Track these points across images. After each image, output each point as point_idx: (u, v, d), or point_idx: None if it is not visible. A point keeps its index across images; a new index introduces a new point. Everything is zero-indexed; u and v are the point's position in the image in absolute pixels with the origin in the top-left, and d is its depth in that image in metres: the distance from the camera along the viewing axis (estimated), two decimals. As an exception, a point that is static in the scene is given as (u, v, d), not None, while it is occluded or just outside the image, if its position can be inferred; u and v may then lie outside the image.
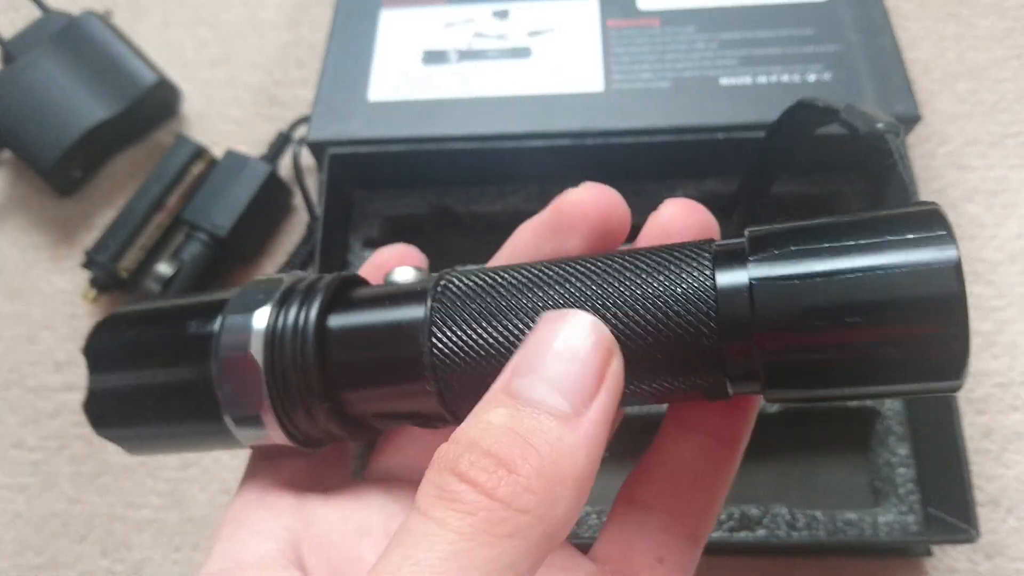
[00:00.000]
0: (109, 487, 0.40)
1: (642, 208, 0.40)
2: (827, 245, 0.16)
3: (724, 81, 0.39)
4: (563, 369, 0.16)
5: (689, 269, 0.17)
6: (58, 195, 0.47)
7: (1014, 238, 0.41)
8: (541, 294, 0.18)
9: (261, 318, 0.20)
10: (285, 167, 0.46)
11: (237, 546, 0.19)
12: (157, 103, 0.47)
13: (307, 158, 0.46)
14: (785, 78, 0.39)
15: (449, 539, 0.14)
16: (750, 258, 0.17)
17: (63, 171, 0.45)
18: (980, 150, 0.44)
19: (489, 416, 0.15)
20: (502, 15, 0.43)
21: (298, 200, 0.46)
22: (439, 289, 0.19)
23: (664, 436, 0.21)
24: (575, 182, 0.41)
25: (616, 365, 0.16)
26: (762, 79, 0.39)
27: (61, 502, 0.40)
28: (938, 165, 0.43)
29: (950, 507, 0.32)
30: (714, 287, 0.17)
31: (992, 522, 0.36)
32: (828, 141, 0.38)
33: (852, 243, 0.16)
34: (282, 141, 0.46)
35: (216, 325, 0.20)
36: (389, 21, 0.43)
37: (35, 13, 0.47)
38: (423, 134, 0.39)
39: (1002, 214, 0.42)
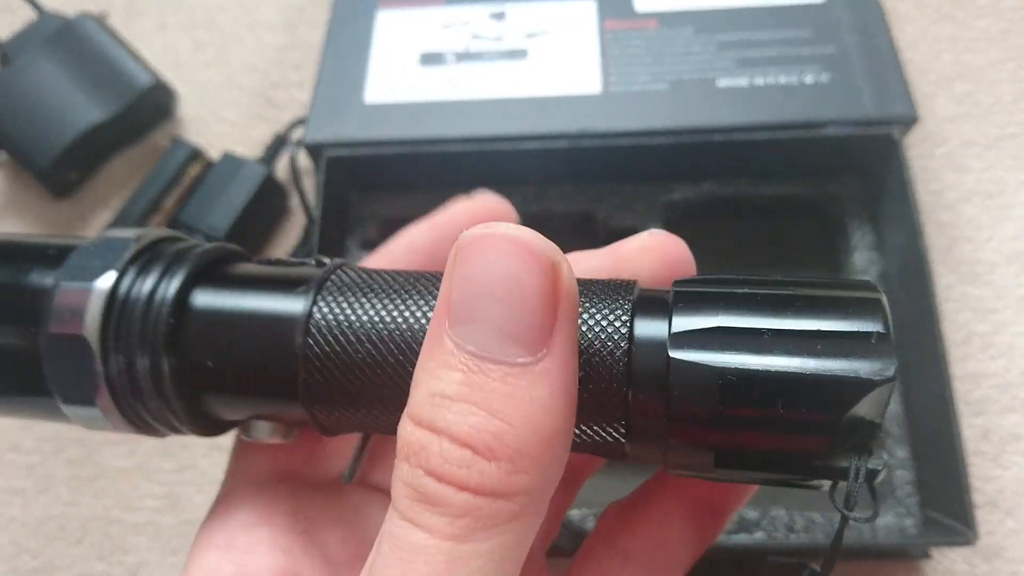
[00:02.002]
0: (105, 490, 0.40)
1: (640, 210, 0.40)
2: (756, 327, 0.15)
3: (722, 83, 0.39)
4: (508, 308, 0.13)
5: (612, 305, 0.16)
6: (54, 197, 0.47)
7: (1011, 239, 0.41)
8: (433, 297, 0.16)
9: (106, 281, 0.16)
10: (282, 169, 0.46)
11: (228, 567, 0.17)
12: (153, 105, 0.47)
13: (304, 160, 0.46)
14: (783, 80, 0.39)
15: (445, 547, 0.13)
16: (672, 319, 0.15)
17: (59, 173, 0.45)
18: (977, 152, 0.44)
19: (441, 386, 0.13)
20: (499, 17, 0.43)
21: (295, 202, 0.46)
22: (329, 281, 0.17)
23: (654, 494, 0.20)
24: (572, 184, 0.41)
25: (566, 279, 0.14)
26: (759, 81, 0.39)
27: (57, 505, 0.40)
28: (935, 167, 0.43)
29: (948, 509, 0.32)
30: (629, 336, 0.15)
31: (990, 524, 0.36)
32: (826, 143, 0.38)
33: (784, 330, 0.14)
34: (279, 143, 0.46)
35: (50, 281, 0.17)
36: (385, 23, 0.43)
37: (31, 15, 0.47)
38: (420, 136, 0.39)
39: (999, 215, 0.42)
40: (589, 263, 0.20)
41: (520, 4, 0.43)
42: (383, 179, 0.41)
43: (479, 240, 0.14)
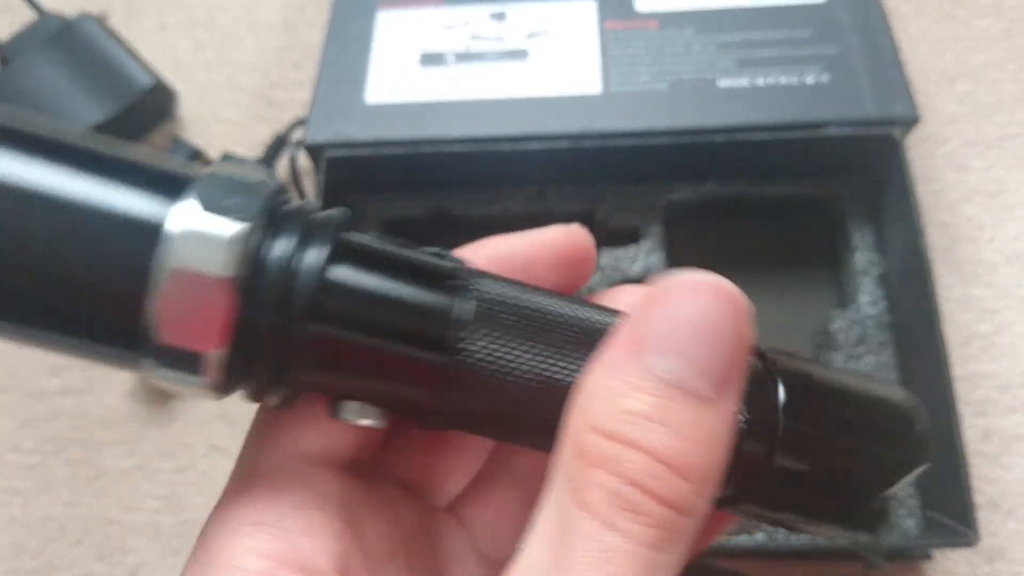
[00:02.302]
0: (106, 491, 0.40)
1: (640, 210, 0.40)
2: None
3: (722, 83, 0.39)
4: (706, 349, 0.15)
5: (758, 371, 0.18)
6: (54, 198, 0.47)
7: (1012, 239, 0.41)
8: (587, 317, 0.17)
9: (238, 233, 0.15)
10: (282, 169, 0.46)
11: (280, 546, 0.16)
12: (153, 105, 0.47)
13: (304, 160, 0.46)
14: (783, 80, 0.39)
15: (641, 553, 0.13)
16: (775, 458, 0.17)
17: (59, 174, 0.45)
18: (978, 151, 0.44)
19: (632, 404, 0.14)
20: (499, 17, 0.43)
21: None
22: (473, 284, 0.17)
23: None
24: (573, 184, 0.41)
25: (749, 331, 0.15)
26: (760, 81, 0.39)
27: (57, 506, 0.40)
28: (937, 166, 0.43)
29: (949, 510, 0.32)
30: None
31: (992, 525, 0.36)
32: (827, 143, 0.38)
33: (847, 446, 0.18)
34: (279, 144, 0.46)
35: (169, 216, 0.15)
36: (386, 23, 0.43)
37: (31, 15, 0.47)
38: (421, 136, 0.39)
39: (1000, 215, 0.42)
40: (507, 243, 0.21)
41: (520, 4, 0.43)
42: (384, 179, 0.41)
43: (687, 283, 0.15)
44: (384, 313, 0.17)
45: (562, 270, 0.21)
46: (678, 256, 0.40)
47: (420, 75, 0.41)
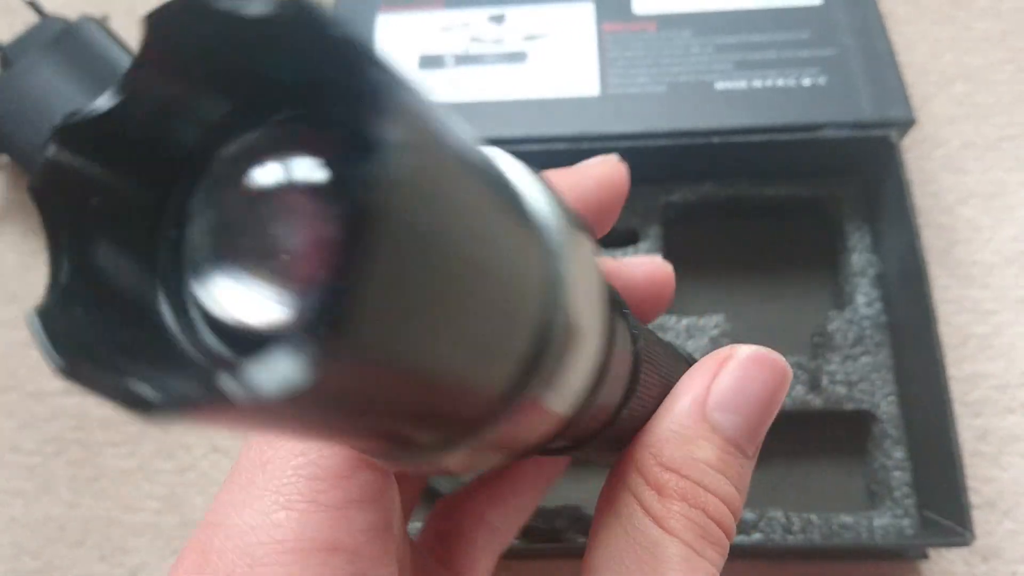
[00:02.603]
0: (106, 491, 0.40)
1: (639, 211, 0.40)
2: None
3: (720, 85, 0.39)
4: (762, 416, 0.18)
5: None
6: (56, 199, 0.47)
7: (1010, 241, 0.41)
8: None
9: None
10: (282, 171, 0.46)
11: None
12: (154, 107, 0.47)
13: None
14: (780, 82, 0.39)
15: (692, 560, 0.16)
16: None
17: (60, 176, 0.45)
18: (976, 153, 0.44)
19: (702, 453, 0.17)
20: (498, 20, 0.43)
21: (295, 204, 0.46)
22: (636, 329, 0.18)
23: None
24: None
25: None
26: (757, 83, 0.39)
27: (58, 506, 0.40)
28: (934, 168, 0.43)
29: (946, 510, 0.32)
30: None
31: (988, 524, 0.36)
32: (824, 145, 0.38)
33: None
34: (279, 145, 0.46)
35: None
36: (386, 26, 0.43)
37: (32, 18, 0.47)
38: (419, 138, 0.39)
39: (998, 217, 0.42)
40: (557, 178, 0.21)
41: (519, 7, 0.43)
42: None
43: (757, 356, 0.18)
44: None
45: (602, 192, 0.22)
46: (676, 257, 0.40)
47: (419, 77, 0.41)
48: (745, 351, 0.18)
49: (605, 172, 0.22)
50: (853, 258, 0.39)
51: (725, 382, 0.18)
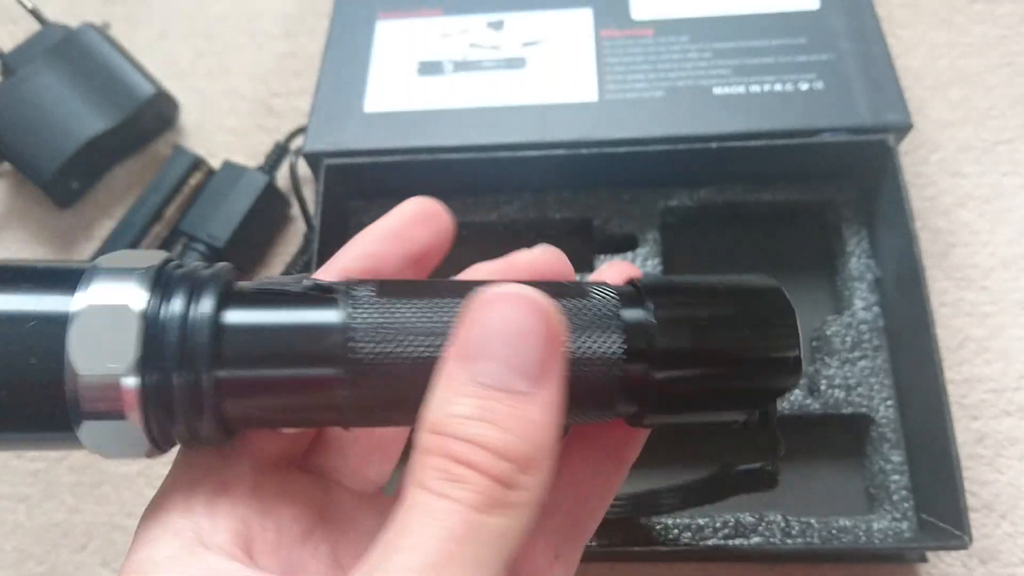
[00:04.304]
0: (109, 497, 0.41)
1: (637, 217, 0.41)
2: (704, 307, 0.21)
3: (717, 90, 0.40)
4: (515, 350, 0.17)
5: (602, 306, 0.20)
6: (57, 207, 0.47)
7: (1007, 244, 0.42)
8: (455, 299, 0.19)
9: (137, 300, 0.17)
10: (282, 177, 0.47)
11: (183, 533, 0.19)
12: (155, 114, 0.48)
13: (304, 168, 0.46)
14: (778, 87, 0.39)
15: (466, 513, 0.16)
16: (648, 304, 0.20)
17: (62, 183, 0.45)
18: (973, 156, 0.44)
19: (459, 409, 0.17)
20: (497, 26, 0.43)
21: (295, 210, 0.46)
22: (351, 292, 0.19)
23: (567, 446, 0.23)
24: (570, 191, 0.41)
25: (560, 328, 0.18)
26: (755, 88, 0.39)
27: (61, 512, 0.40)
28: (931, 172, 0.44)
29: (943, 513, 0.32)
30: (623, 325, 0.20)
31: (986, 527, 0.36)
32: (821, 150, 0.38)
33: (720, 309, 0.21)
34: (279, 152, 0.46)
35: (72, 305, 0.17)
36: (385, 32, 0.44)
37: (34, 26, 0.47)
38: (419, 144, 0.39)
39: (995, 220, 0.42)
40: (489, 268, 0.24)
41: (517, 13, 0.43)
42: (382, 187, 0.41)
43: (493, 297, 0.17)
44: (277, 340, 0.18)
45: (420, 228, 0.24)
46: (675, 262, 0.40)
47: (418, 84, 0.42)
48: (484, 294, 0.17)
49: (417, 209, 0.24)
50: (851, 262, 0.39)
51: (473, 331, 0.17)
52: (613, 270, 0.24)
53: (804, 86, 0.39)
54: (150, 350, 0.17)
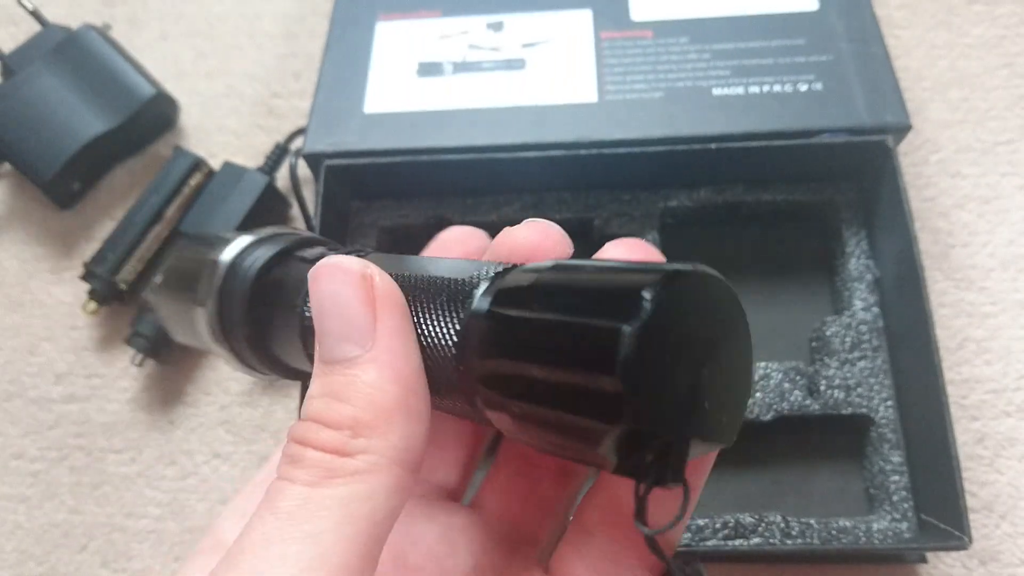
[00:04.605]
0: (109, 497, 0.41)
1: (637, 217, 0.41)
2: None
3: (717, 91, 0.40)
4: (339, 320, 0.17)
5: (460, 288, 0.18)
6: (57, 207, 0.47)
7: (1006, 244, 0.42)
8: None
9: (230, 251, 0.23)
10: (282, 178, 0.47)
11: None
12: (155, 115, 0.48)
13: (304, 169, 0.46)
14: (777, 88, 0.39)
15: (298, 490, 0.16)
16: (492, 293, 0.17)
17: (62, 184, 0.45)
18: (972, 157, 0.44)
19: (311, 390, 0.17)
20: (496, 27, 0.43)
21: (295, 211, 0.46)
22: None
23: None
24: (569, 192, 0.41)
25: (380, 283, 0.18)
26: (754, 89, 0.39)
27: (61, 512, 0.40)
28: (930, 173, 0.44)
29: (943, 514, 0.32)
30: (468, 313, 0.17)
31: (986, 528, 0.36)
32: (820, 151, 0.38)
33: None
34: (279, 152, 0.46)
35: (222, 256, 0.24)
36: (384, 33, 0.44)
37: (34, 27, 0.48)
38: (418, 145, 0.39)
39: (994, 221, 0.42)
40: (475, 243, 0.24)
41: (517, 14, 0.43)
42: (382, 188, 0.41)
43: (313, 276, 0.18)
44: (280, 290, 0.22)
45: (456, 247, 0.25)
46: (674, 262, 0.40)
47: (418, 85, 0.42)
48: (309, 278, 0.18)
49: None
50: (850, 263, 0.39)
51: (313, 314, 0.18)
52: (621, 248, 0.22)
53: (803, 87, 0.39)
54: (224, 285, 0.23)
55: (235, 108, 0.50)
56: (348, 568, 0.15)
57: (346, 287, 0.17)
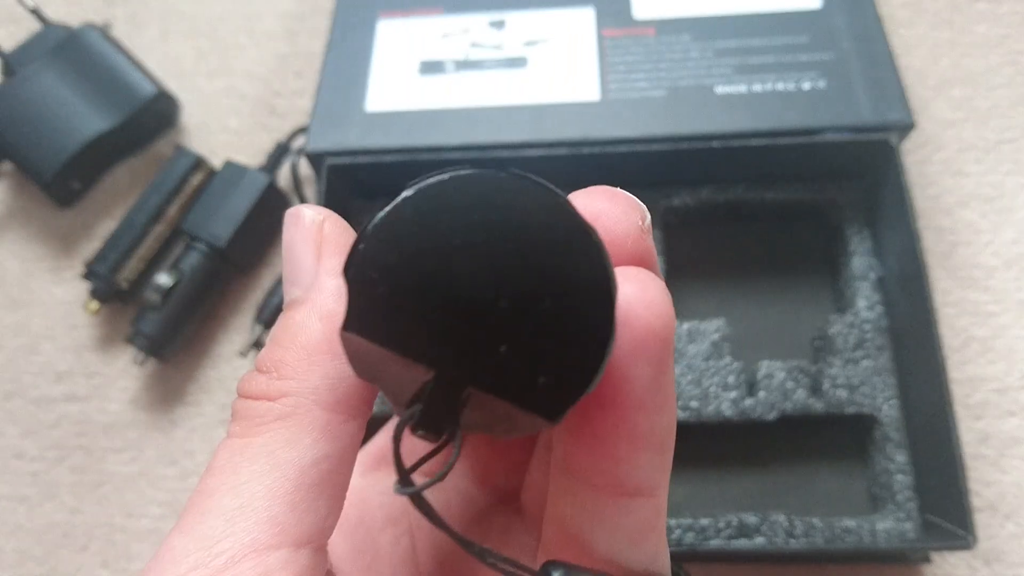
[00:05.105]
0: (109, 497, 0.40)
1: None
2: None
3: (719, 89, 0.39)
4: (291, 264, 0.17)
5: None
6: (58, 206, 0.47)
7: (1010, 243, 0.41)
8: None
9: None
10: (284, 177, 0.47)
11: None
12: (156, 114, 0.48)
13: (305, 168, 0.46)
14: (780, 86, 0.39)
15: (233, 442, 0.15)
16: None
17: (63, 183, 0.45)
18: (975, 156, 0.44)
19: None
20: (498, 25, 0.43)
21: (297, 210, 0.46)
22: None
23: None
24: (571, 190, 0.41)
25: (329, 227, 0.17)
26: (757, 87, 0.39)
27: (62, 512, 0.40)
28: (933, 171, 0.44)
29: (948, 513, 0.32)
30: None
31: (991, 528, 0.36)
32: (823, 149, 0.38)
33: None
34: (280, 151, 0.46)
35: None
36: (386, 31, 0.44)
37: (35, 26, 0.47)
38: (420, 144, 0.39)
39: (998, 220, 0.42)
40: None
41: (519, 12, 0.43)
42: (383, 187, 0.41)
43: (283, 226, 0.18)
44: None
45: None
46: (677, 261, 0.40)
47: (420, 83, 0.41)
48: None
49: None
50: (854, 262, 0.39)
51: None
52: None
53: (806, 85, 0.39)
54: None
55: (236, 107, 0.50)
56: (276, 520, 0.14)
57: (298, 231, 0.17)
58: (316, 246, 0.17)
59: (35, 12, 0.47)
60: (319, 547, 0.15)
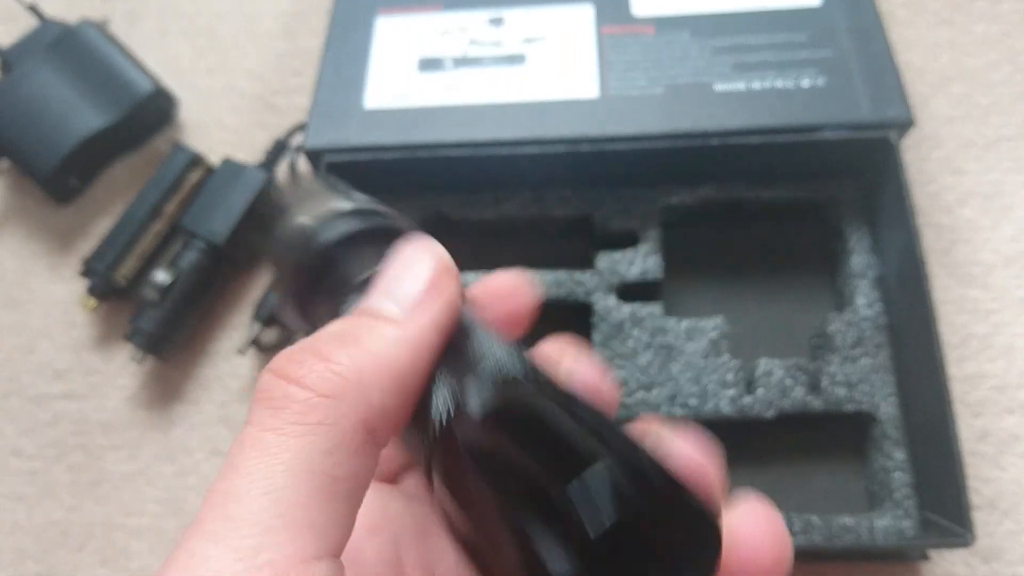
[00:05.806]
0: (107, 496, 0.40)
1: (638, 214, 0.40)
2: None
3: (718, 87, 0.39)
4: (396, 282, 0.17)
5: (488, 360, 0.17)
6: (56, 204, 0.47)
7: (1009, 241, 0.41)
8: None
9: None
10: (282, 175, 0.47)
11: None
12: (154, 111, 0.47)
13: (304, 165, 0.46)
14: (779, 84, 0.39)
15: (259, 439, 0.14)
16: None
17: (61, 180, 0.45)
18: (975, 153, 0.44)
19: (328, 328, 0.17)
20: (497, 22, 0.43)
21: (295, 207, 0.46)
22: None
23: None
24: (570, 188, 0.41)
25: (448, 280, 0.18)
26: (756, 85, 0.39)
27: (60, 511, 0.40)
28: (932, 169, 0.44)
29: (946, 511, 0.32)
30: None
31: (989, 525, 0.36)
32: (823, 147, 0.38)
33: None
34: (279, 149, 0.46)
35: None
36: (385, 29, 0.43)
37: (32, 22, 0.47)
38: (419, 141, 0.39)
39: (997, 217, 0.42)
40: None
41: (518, 10, 0.43)
42: (382, 184, 0.41)
43: (405, 239, 0.19)
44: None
45: (497, 304, 0.21)
46: (675, 259, 0.40)
47: (418, 80, 0.41)
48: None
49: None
50: (853, 259, 0.39)
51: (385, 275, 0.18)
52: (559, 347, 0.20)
53: (805, 82, 0.39)
54: None
55: (234, 104, 0.49)
56: (317, 530, 0.14)
57: (419, 258, 0.18)
58: (431, 282, 0.17)
59: (32, 8, 0.47)
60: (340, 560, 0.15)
